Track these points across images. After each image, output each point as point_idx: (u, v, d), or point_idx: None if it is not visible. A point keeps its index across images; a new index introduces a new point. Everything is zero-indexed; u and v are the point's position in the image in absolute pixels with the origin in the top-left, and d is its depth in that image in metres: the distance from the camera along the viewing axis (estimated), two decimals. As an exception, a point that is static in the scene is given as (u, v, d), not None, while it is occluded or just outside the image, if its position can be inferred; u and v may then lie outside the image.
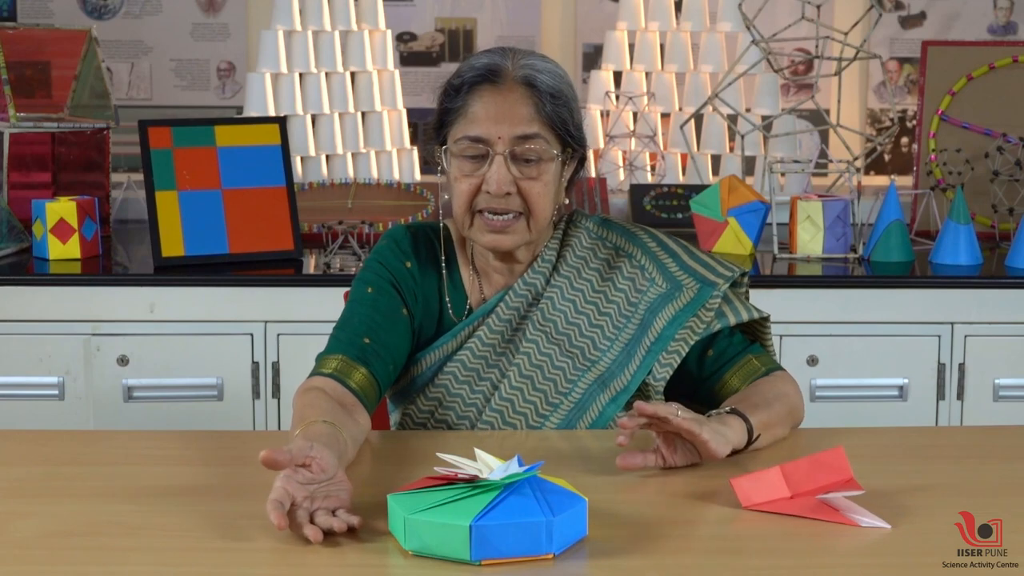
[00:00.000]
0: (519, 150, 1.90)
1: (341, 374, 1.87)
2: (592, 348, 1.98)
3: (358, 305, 1.96)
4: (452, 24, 3.91)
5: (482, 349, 1.98)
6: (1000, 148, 3.42)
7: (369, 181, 3.51)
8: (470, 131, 1.90)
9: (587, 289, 2.00)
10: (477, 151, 1.90)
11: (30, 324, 2.92)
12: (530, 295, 2.00)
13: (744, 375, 1.96)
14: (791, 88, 3.93)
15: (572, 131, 1.94)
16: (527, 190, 1.91)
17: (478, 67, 1.92)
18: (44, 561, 1.44)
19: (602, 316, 1.99)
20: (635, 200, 3.57)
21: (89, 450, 1.87)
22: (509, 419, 1.96)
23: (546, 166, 1.92)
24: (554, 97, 1.92)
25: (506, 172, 1.89)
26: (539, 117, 1.90)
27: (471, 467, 1.50)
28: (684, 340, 1.94)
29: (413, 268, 2.00)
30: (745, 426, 1.77)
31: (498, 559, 1.41)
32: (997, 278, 3.03)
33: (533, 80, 1.91)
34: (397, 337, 1.95)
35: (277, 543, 1.48)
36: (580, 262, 2.02)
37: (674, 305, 1.95)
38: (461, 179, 1.92)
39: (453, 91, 1.94)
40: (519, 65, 1.92)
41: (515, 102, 1.90)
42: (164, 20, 3.85)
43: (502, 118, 1.89)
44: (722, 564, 1.45)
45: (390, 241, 2.02)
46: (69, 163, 3.42)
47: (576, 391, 1.96)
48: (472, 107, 1.91)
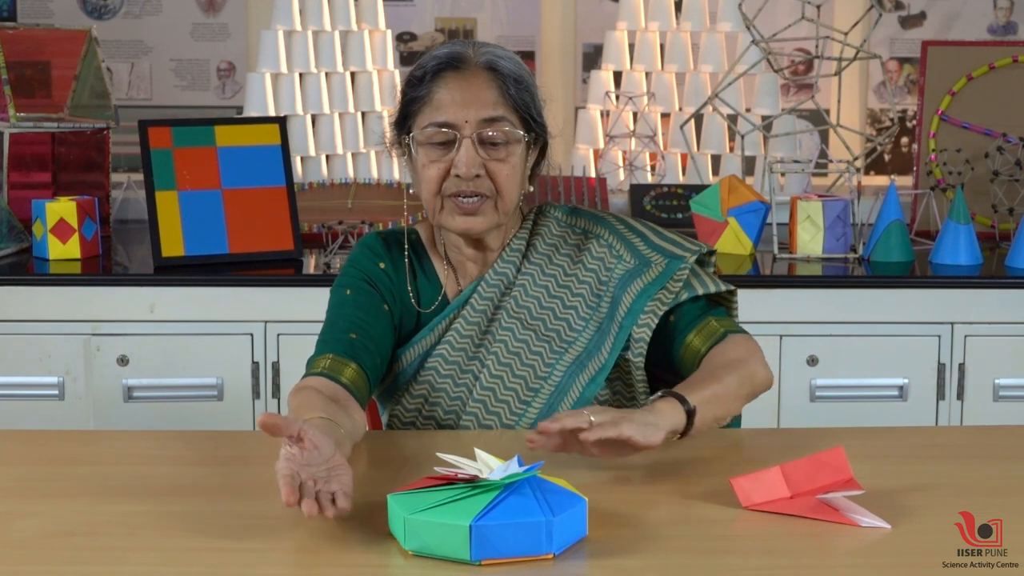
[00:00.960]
0: (486, 133, 1.92)
1: (332, 371, 1.88)
2: (568, 330, 1.99)
3: (339, 307, 1.99)
4: (452, 24, 3.91)
5: (460, 341, 2.00)
6: (1000, 148, 3.42)
7: (369, 181, 3.51)
8: (436, 117, 1.92)
9: (559, 274, 2.02)
10: (444, 137, 1.92)
11: (30, 324, 2.92)
12: (502, 284, 2.02)
13: (705, 336, 1.94)
14: (791, 88, 3.93)
15: (535, 116, 1.97)
16: (495, 172, 1.93)
17: (440, 56, 1.95)
18: (44, 561, 1.44)
19: (575, 297, 2.01)
20: (635, 200, 3.57)
21: (89, 450, 1.87)
22: (492, 408, 1.98)
23: (513, 148, 1.94)
24: (517, 81, 1.95)
25: (474, 155, 1.91)
26: (504, 100, 1.93)
27: (471, 467, 1.50)
28: (653, 312, 1.94)
29: (387, 268, 2.03)
30: (681, 406, 1.73)
31: (498, 559, 1.41)
32: (997, 278, 3.03)
33: (496, 65, 1.94)
34: (381, 330, 1.98)
35: (277, 543, 1.48)
36: (550, 249, 2.04)
37: (643, 279, 1.96)
38: (429, 165, 1.94)
39: (416, 81, 1.96)
40: (480, 52, 1.95)
41: (480, 86, 1.92)
42: (164, 20, 3.85)
43: (468, 102, 1.91)
44: (722, 564, 1.45)
45: (362, 247, 2.06)
46: (69, 163, 3.42)
47: (555, 375, 1.98)
48: (437, 94, 1.93)
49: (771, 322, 2.95)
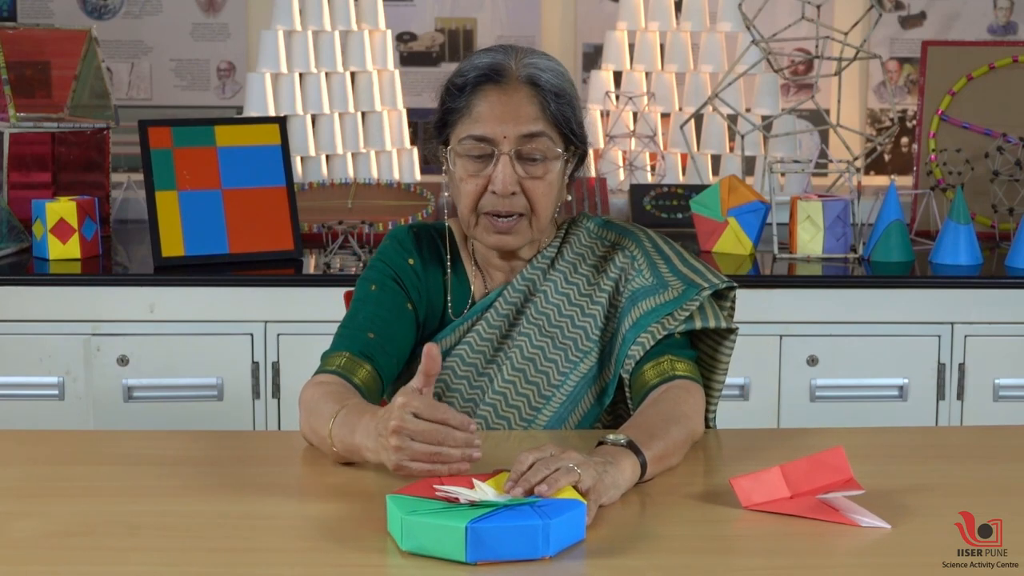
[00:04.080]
0: (524, 149, 1.90)
1: (346, 371, 1.88)
2: (584, 339, 1.98)
3: (362, 303, 1.98)
4: (452, 24, 3.91)
5: (480, 344, 1.99)
6: (1000, 148, 3.42)
7: (369, 181, 3.51)
8: (475, 130, 1.90)
9: (581, 283, 2.01)
10: (482, 151, 1.91)
11: (30, 324, 2.92)
12: (527, 290, 2.00)
13: (658, 372, 1.90)
14: (791, 88, 3.93)
15: (575, 129, 1.95)
16: (531, 189, 1.91)
17: (481, 66, 1.92)
18: (44, 561, 1.44)
19: (594, 306, 2.00)
20: (635, 200, 3.57)
21: (89, 450, 1.87)
22: (503, 412, 1.97)
23: (551, 164, 1.92)
24: (558, 96, 1.92)
25: (511, 171, 1.90)
26: (544, 116, 1.91)
27: (469, 496, 1.50)
28: (653, 334, 1.92)
29: (416, 265, 2.01)
30: (639, 463, 1.65)
31: (494, 561, 1.41)
32: (997, 278, 3.03)
33: (537, 79, 1.92)
34: (402, 331, 1.96)
35: (277, 543, 1.48)
36: (577, 259, 2.02)
37: (655, 299, 1.94)
38: (467, 179, 1.92)
39: (456, 90, 1.93)
40: (522, 64, 1.93)
41: (520, 101, 1.90)
42: (164, 20, 3.85)
43: (507, 117, 1.89)
44: (722, 564, 1.45)
45: (392, 240, 2.04)
46: (69, 163, 3.42)
47: (568, 384, 1.97)
48: (477, 107, 1.91)
49: (771, 322, 2.95)
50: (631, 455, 1.65)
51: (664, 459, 1.71)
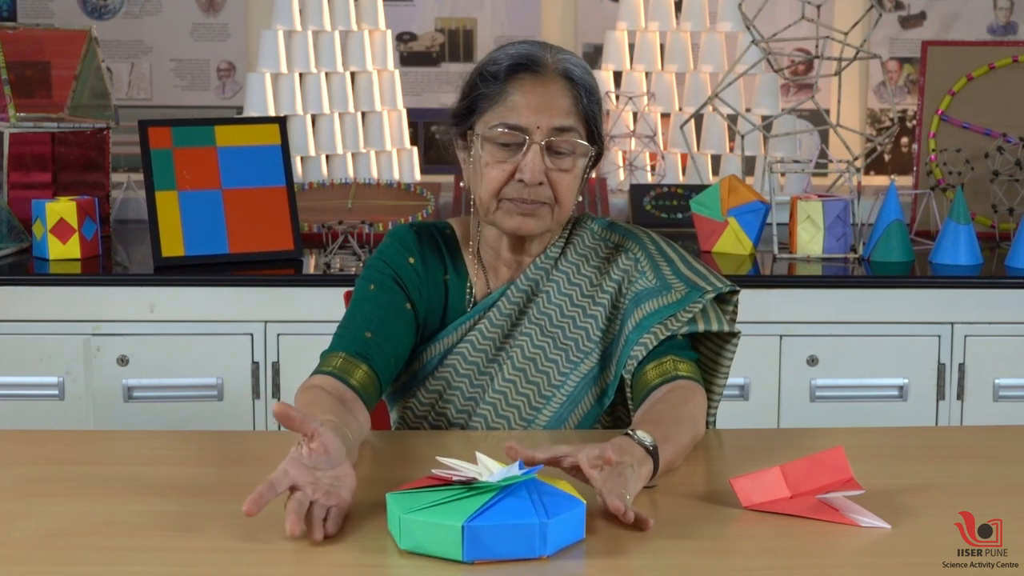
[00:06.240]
0: (555, 141, 1.90)
1: (342, 372, 1.87)
2: (585, 340, 1.98)
3: (360, 302, 1.97)
4: (452, 24, 3.91)
5: (482, 343, 1.99)
6: (1000, 148, 3.42)
7: (369, 181, 3.52)
8: (509, 119, 1.90)
9: (584, 284, 2.01)
10: (513, 139, 1.90)
11: (30, 324, 2.92)
12: (531, 290, 2.00)
13: (660, 372, 1.90)
14: (791, 88, 3.93)
15: (599, 128, 1.97)
16: (557, 181, 1.91)
17: (516, 55, 1.93)
18: (44, 561, 1.44)
19: (596, 307, 2.00)
20: (635, 200, 3.57)
21: (89, 450, 1.87)
22: (503, 411, 1.97)
23: (578, 160, 1.93)
24: (589, 92, 1.94)
25: (540, 162, 1.90)
26: (576, 110, 1.92)
27: (471, 470, 1.50)
28: (655, 335, 1.92)
29: (417, 263, 2.01)
30: (653, 468, 1.64)
31: (491, 560, 1.41)
32: (997, 278, 3.03)
33: (571, 73, 1.93)
34: (400, 331, 1.96)
35: (277, 543, 1.48)
36: (580, 259, 2.02)
37: (658, 300, 1.94)
38: (493, 165, 1.92)
39: (490, 76, 1.93)
40: (557, 58, 1.93)
41: (555, 93, 1.91)
42: (164, 20, 3.85)
43: (542, 108, 1.90)
44: (722, 564, 1.45)
45: (393, 239, 2.03)
46: (69, 163, 3.42)
47: (568, 385, 1.97)
48: (512, 95, 1.91)
49: (771, 322, 2.95)
50: (650, 462, 1.64)
51: (670, 464, 1.71)
